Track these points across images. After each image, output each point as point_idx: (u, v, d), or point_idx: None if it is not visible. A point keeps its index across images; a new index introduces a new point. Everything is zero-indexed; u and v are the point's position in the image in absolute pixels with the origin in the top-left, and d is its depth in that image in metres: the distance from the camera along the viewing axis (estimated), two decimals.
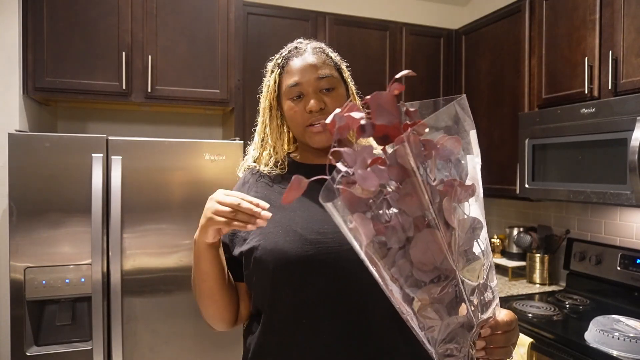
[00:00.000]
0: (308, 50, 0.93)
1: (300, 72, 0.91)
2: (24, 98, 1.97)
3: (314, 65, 0.91)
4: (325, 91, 0.90)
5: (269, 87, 0.96)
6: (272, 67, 0.97)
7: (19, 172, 1.69)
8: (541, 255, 2.38)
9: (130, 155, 1.81)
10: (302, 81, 0.90)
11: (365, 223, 0.52)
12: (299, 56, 0.92)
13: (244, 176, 1.01)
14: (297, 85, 0.90)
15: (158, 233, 1.85)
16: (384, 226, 0.52)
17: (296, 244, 0.83)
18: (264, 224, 0.74)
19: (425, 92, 2.79)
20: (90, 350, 1.73)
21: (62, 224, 1.73)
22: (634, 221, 2.05)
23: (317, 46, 0.95)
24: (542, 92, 2.15)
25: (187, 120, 2.59)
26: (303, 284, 0.83)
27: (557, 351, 1.65)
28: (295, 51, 0.94)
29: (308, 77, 0.90)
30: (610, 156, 1.72)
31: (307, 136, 0.92)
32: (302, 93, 0.90)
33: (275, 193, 0.94)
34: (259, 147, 1.00)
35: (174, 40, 2.13)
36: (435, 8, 3.15)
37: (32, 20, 1.95)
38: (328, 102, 0.90)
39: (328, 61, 0.93)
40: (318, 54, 0.93)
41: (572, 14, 1.98)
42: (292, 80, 0.91)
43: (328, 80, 0.91)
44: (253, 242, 0.87)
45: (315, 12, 2.51)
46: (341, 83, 0.94)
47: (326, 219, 0.85)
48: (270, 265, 0.83)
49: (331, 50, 0.98)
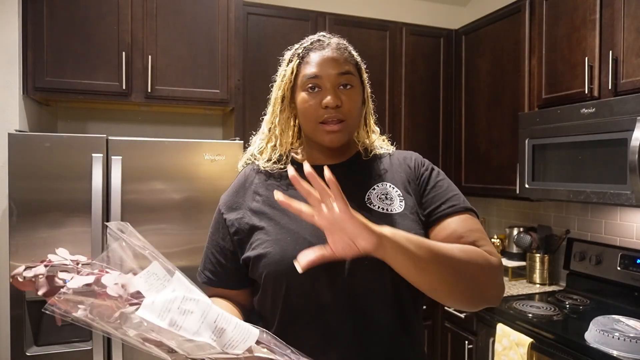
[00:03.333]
0: (332, 45, 0.90)
1: (321, 64, 0.87)
2: (24, 98, 1.97)
3: (336, 60, 0.88)
4: (343, 88, 0.87)
5: (284, 77, 0.91)
6: (291, 57, 0.92)
7: (19, 172, 1.69)
8: (541, 255, 2.38)
9: (130, 155, 1.81)
10: (321, 74, 0.87)
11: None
12: (321, 49, 0.89)
13: (245, 172, 0.98)
14: (316, 78, 0.87)
15: (158, 233, 1.85)
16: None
17: None
18: None
19: (425, 92, 2.79)
20: (90, 350, 1.73)
21: (62, 224, 1.73)
22: (634, 221, 2.05)
23: (341, 42, 0.92)
24: (542, 92, 2.15)
25: (187, 120, 2.59)
26: (313, 292, 0.81)
27: (557, 351, 1.65)
28: (317, 43, 0.90)
29: (328, 71, 0.87)
30: (610, 156, 1.72)
31: (319, 133, 0.88)
32: (319, 86, 0.87)
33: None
34: (266, 137, 0.96)
35: (174, 40, 2.13)
36: (435, 8, 3.15)
37: (32, 20, 1.95)
38: (344, 99, 0.87)
39: (350, 59, 0.91)
40: (341, 50, 0.90)
41: (572, 14, 1.98)
42: (312, 72, 0.87)
43: (348, 77, 0.88)
44: (261, 249, 0.84)
45: (315, 12, 2.51)
46: (359, 83, 0.92)
47: None
48: (280, 274, 0.81)
49: (353, 49, 0.95)
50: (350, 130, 0.90)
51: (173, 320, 0.58)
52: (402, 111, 2.72)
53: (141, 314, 0.57)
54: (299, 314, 0.83)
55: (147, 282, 0.60)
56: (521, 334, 1.78)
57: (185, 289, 0.62)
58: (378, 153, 0.99)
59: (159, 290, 0.60)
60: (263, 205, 0.90)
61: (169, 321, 0.58)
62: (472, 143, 2.68)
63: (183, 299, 0.60)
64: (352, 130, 0.91)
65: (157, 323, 0.57)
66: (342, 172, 0.92)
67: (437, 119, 2.84)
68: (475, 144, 2.64)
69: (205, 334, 0.59)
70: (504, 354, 1.84)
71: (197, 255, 1.90)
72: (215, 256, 0.92)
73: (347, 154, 0.97)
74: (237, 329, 0.62)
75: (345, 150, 0.96)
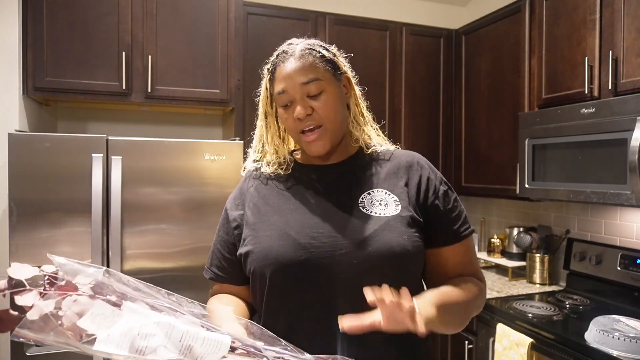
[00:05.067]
0: (295, 54, 0.88)
1: (285, 79, 0.87)
2: (24, 98, 1.97)
3: (299, 70, 0.86)
4: (313, 97, 0.87)
5: (262, 94, 0.96)
6: (265, 73, 0.94)
7: (19, 172, 1.69)
8: (541, 255, 2.38)
9: (130, 155, 1.81)
10: (287, 88, 0.87)
11: None
12: (285, 61, 0.88)
13: (246, 174, 1.02)
14: (284, 93, 0.87)
15: (158, 233, 1.85)
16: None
17: (290, 248, 0.83)
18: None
19: (426, 92, 2.79)
20: None
21: (62, 224, 1.73)
22: (634, 221, 2.05)
23: (306, 47, 0.89)
24: (542, 92, 2.15)
25: (187, 120, 2.59)
26: (297, 288, 0.82)
27: (557, 351, 1.65)
28: (282, 55, 0.90)
29: (293, 84, 0.86)
30: (610, 156, 1.72)
31: (303, 144, 0.90)
32: (290, 100, 0.87)
33: (274, 194, 0.93)
34: (259, 151, 1.00)
35: (174, 40, 2.13)
36: (435, 8, 3.15)
37: (32, 20, 1.95)
38: (316, 106, 0.86)
39: (316, 62, 0.88)
40: (305, 56, 0.88)
41: (572, 14, 1.97)
42: (279, 88, 0.88)
43: (315, 84, 0.86)
44: (249, 246, 0.87)
45: (315, 12, 2.51)
46: (332, 82, 0.89)
47: (320, 222, 0.85)
48: (264, 270, 0.84)
49: (324, 47, 0.92)
50: (332, 135, 0.89)
51: (135, 346, 0.57)
52: (402, 111, 2.72)
53: (98, 348, 0.55)
54: (285, 311, 0.84)
55: (94, 323, 0.58)
56: (521, 334, 1.78)
57: (141, 315, 0.60)
58: (377, 151, 0.98)
59: (110, 327, 0.58)
60: (259, 203, 0.93)
61: (130, 347, 0.56)
62: (472, 143, 2.68)
63: (141, 325, 0.58)
64: (335, 133, 0.90)
65: (119, 353, 0.56)
66: (338, 173, 0.94)
67: (437, 119, 2.84)
68: (475, 144, 2.64)
69: (172, 354, 0.58)
70: (504, 354, 1.84)
71: (197, 255, 1.90)
72: (221, 251, 0.95)
73: (344, 153, 0.96)
74: (205, 343, 0.61)
75: (342, 150, 0.96)
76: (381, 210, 0.87)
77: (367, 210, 0.87)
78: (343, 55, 0.97)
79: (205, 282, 1.01)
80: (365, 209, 0.87)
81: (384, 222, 0.85)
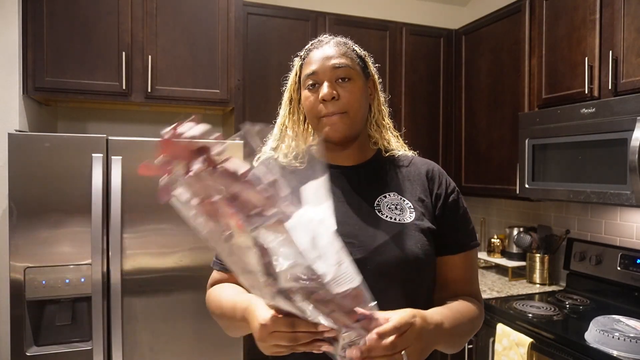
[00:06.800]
0: (330, 42, 0.93)
1: (318, 61, 0.90)
2: (24, 98, 1.97)
3: (333, 54, 0.90)
4: (341, 81, 0.89)
5: (290, 79, 0.98)
6: (297, 60, 0.97)
7: (19, 172, 1.69)
8: (541, 255, 2.38)
9: (130, 155, 1.81)
10: (317, 70, 0.89)
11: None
12: (320, 47, 0.92)
13: (260, 162, 0.98)
14: (313, 74, 0.89)
15: (158, 233, 1.85)
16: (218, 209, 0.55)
17: None
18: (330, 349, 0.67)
19: (426, 92, 2.79)
20: (90, 350, 1.73)
21: (62, 224, 1.73)
22: (634, 221, 2.05)
23: (341, 40, 0.95)
24: (542, 92, 2.15)
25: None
26: None
27: (557, 351, 1.65)
28: (317, 43, 0.94)
29: (324, 67, 0.89)
30: (610, 156, 1.72)
31: (321, 127, 0.90)
32: (317, 82, 0.89)
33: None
34: (277, 139, 0.99)
35: (174, 40, 2.13)
36: (435, 8, 3.15)
37: (32, 20, 1.95)
38: (342, 92, 0.88)
39: (349, 53, 0.92)
40: (340, 45, 0.92)
41: (572, 14, 1.98)
42: (310, 70, 0.90)
43: (344, 70, 0.89)
44: None
45: (315, 12, 2.51)
46: (361, 76, 0.92)
47: (347, 220, 0.85)
48: None
49: (357, 46, 0.97)
50: (352, 123, 0.90)
51: (311, 238, 0.57)
52: (402, 111, 2.72)
53: (290, 225, 0.56)
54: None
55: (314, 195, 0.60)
56: (521, 334, 1.78)
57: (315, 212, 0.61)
58: (396, 156, 0.99)
59: (316, 205, 0.59)
60: None
61: (311, 239, 0.57)
62: (472, 143, 2.68)
63: (319, 220, 0.59)
64: (355, 122, 0.91)
65: (301, 239, 0.56)
66: (356, 176, 0.94)
67: (437, 119, 2.84)
68: (475, 144, 2.64)
69: (331, 260, 0.58)
70: (504, 354, 1.84)
71: (197, 255, 1.90)
72: None
73: (362, 156, 0.97)
74: (350, 266, 0.61)
75: (359, 151, 0.96)
76: (396, 216, 0.88)
77: (382, 215, 0.87)
78: (372, 61, 0.99)
79: (205, 283, 1.01)
80: (380, 213, 0.88)
81: (398, 229, 0.85)
